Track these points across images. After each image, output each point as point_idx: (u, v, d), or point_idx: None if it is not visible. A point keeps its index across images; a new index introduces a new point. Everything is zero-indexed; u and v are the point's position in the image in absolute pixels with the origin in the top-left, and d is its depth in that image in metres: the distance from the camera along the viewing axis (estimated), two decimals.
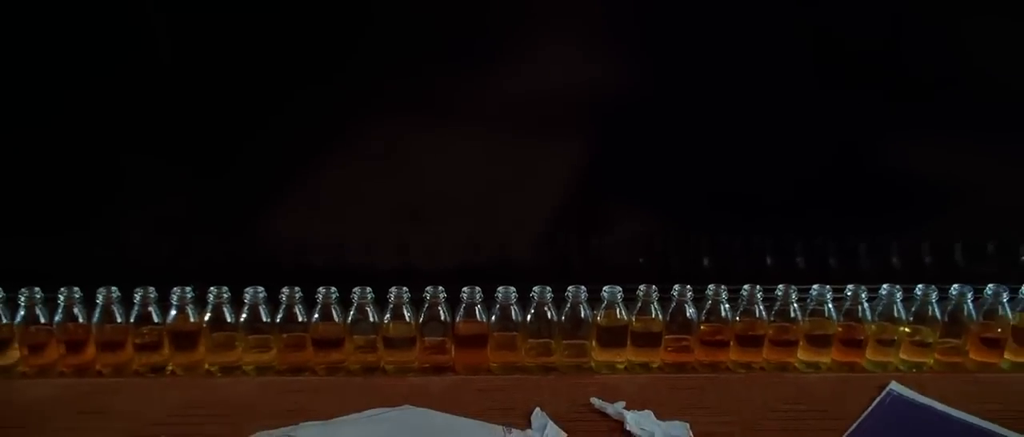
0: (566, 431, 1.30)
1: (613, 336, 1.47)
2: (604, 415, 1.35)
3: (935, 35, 1.47)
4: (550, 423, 1.31)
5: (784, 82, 1.51)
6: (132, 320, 1.46)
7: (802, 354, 1.49)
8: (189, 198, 1.54)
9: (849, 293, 1.48)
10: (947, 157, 1.57)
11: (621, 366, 1.48)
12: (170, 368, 1.48)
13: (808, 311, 1.48)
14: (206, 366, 1.47)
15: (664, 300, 1.48)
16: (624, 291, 1.49)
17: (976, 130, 1.55)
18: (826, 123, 1.54)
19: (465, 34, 1.47)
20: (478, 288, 1.46)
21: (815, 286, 1.48)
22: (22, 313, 1.43)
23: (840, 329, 1.48)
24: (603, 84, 1.52)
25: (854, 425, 1.32)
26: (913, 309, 1.49)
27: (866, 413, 1.36)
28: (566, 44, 1.49)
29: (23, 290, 1.44)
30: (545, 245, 1.61)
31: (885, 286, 1.48)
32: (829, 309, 1.48)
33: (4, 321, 1.45)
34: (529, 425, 1.32)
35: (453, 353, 1.48)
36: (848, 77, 1.51)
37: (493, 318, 1.47)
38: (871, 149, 1.56)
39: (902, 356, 1.50)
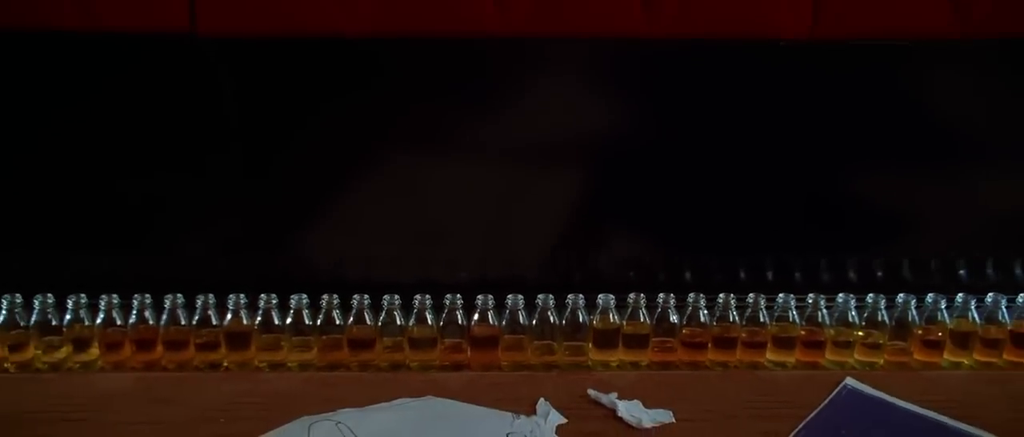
0: (566, 418, 1.45)
1: (607, 338, 1.62)
2: (599, 404, 1.49)
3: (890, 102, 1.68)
4: (553, 411, 1.46)
5: (754, 129, 1.69)
6: (194, 323, 1.60)
7: (770, 354, 1.64)
8: (245, 221, 1.71)
9: (810, 301, 1.62)
10: (892, 191, 1.74)
11: (614, 364, 1.63)
12: (225, 364, 1.62)
13: (775, 317, 1.63)
14: (256, 363, 1.62)
15: (651, 307, 1.62)
16: (616, 299, 1.63)
17: (915, 169, 1.72)
18: (790, 164, 1.71)
19: (482, 83, 1.65)
20: (490, 296, 1.61)
21: (781, 295, 1.63)
22: (101, 316, 1.58)
23: (803, 332, 1.63)
24: (598, 125, 1.69)
25: (813, 413, 1.47)
26: (865, 315, 1.63)
27: (824, 403, 1.50)
28: (566, 91, 1.67)
29: (102, 296, 1.59)
30: (548, 260, 1.77)
31: (841, 295, 1.63)
32: (793, 315, 1.62)
33: (86, 323, 1.59)
34: (535, 412, 1.47)
35: (469, 353, 1.62)
36: (809, 129, 1.69)
37: (503, 322, 1.61)
38: (829, 185, 1.73)
39: (857, 356, 1.64)
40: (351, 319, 1.60)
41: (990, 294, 1.63)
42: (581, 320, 1.62)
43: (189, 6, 1.42)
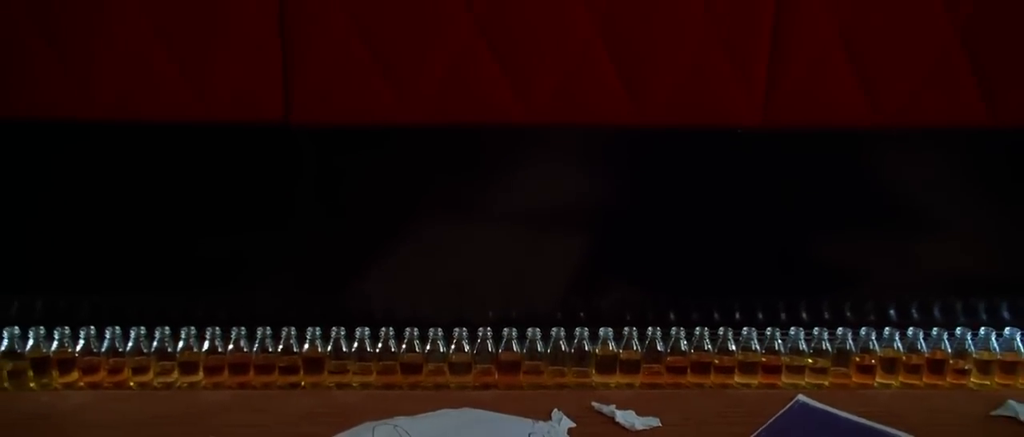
0: (575, 422, 1.75)
1: (607, 363, 1.91)
2: (601, 413, 1.79)
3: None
4: (565, 417, 1.76)
5: (721, 198, 1.96)
6: (279, 350, 1.88)
7: (738, 377, 1.92)
8: (321, 270, 1.97)
9: (768, 334, 1.91)
10: (834, 247, 2.01)
11: (613, 385, 1.91)
12: (302, 383, 1.89)
13: (741, 346, 1.91)
14: (327, 383, 1.89)
15: (642, 339, 1.91)
16: (614, 332, 1.91)
17: (853, 230, 1.99)
18: (752, 227, 1.98)
19: (502, 161, 1.94)
20: (514, 330, 1.90)
21: (745, 329, 1.92)
22: (206, 344, 1.88)
23: (763, 359, 1.91)
24: (596, 196, 1.99)
25: (770, 420, 1.77)
26: (813, 345, 1.92)
27: (780, 413, 1.80)
28: (570, 168, 1.97)
29: (208, 328, 1.88)
30: (559, 302, 2.01)
31: (793, 329, 1.92)
32: (755, 345, 1.91)
33: (194, 350, 1.87)
34: (550, 419, 1.77)
35: (497, 375, 1.90)
36: (766, 198, 1.98)
37: (524, 351, 1.90)
38: (784, 243, 1.99)
39: (807, 379, 1.92)
40: (403, 348, 1.89)
41: (911, 328, 1.92)
42: (586, 349, 1.91)
43: (284, 103, 1.75)
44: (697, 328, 1.93)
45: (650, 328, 1.92)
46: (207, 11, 1.69)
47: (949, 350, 1.92)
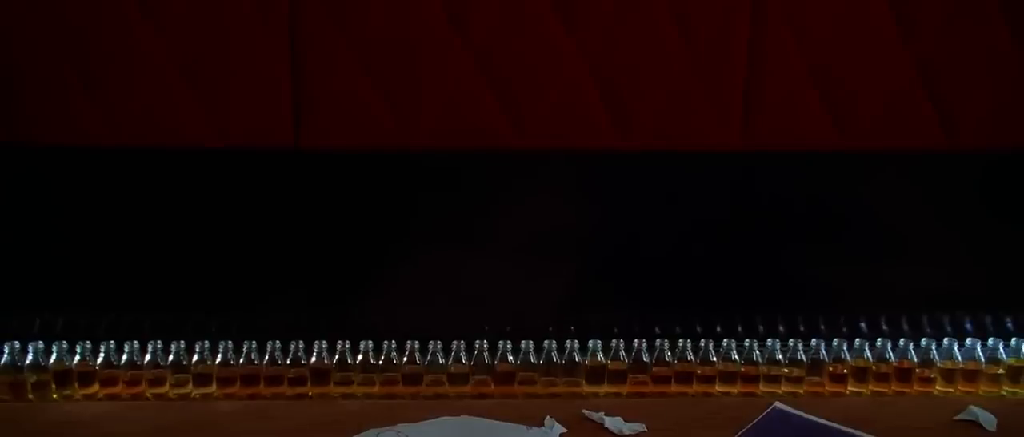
0: (566, 428, 1.86)
1: (595, 374, 2.02)
2: (590, 420, 1.90)
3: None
4: (556, 424, 1.87)
5: (702, 218, 2.08)
6: (288, 362, 1.98)
7: (719, 386, 2.03)
8: (328, 288, 2.07)
9: (747, 345, 2.03)
10: (808, 264, 2.11)
11: (602, 393, 2.02)
12: (310, 393, 1.99)
13: (721, 357, 2.02)
14: (333, 393, 1.99)
15: (629, 350, 2.02)
16: (602, 345, 2.02)
17: (825, 248, 2.10)
18: (730, 244, 2.09)
19: (497, 183, 2.05)
20: (508, 343, 2.02)
21: (725, 340, 2.03)
22: (219, 357, 1.97)
23: (742, 369, 2.03)
24: (587, 213, 2.09)
25: (748, 427, 1.88)
26: (789, 356, 2.03)
27: (757, 420, 1.91)
28: (561, 188, 2.08)
29: (220, 342, 1.97)
30: (551, 317, 2.11)
31: (770, 341, 2.03)
32: (735, 356, 2.02)
33: (208, 363, 1.97)
34: (543, 425, 1.87)
35: (493, 385, 2.01)
36: (744, 217, 2.09)
37: (519, 362, 2.01)
38: (761, 259, 2.10)
39: (783, 387, 2.03)
40: (405, 360, 2.00)
41: (879, 340, 2.05)
42: (576, 360, 2.02)
43: (294, 130, 1.87)
44: (680, 340, 2.04)
45: (636, 340, 2.03)
46: (224, 48, 1.82)
47: (915, 360, 2.03)
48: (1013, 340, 2.06)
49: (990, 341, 2.05)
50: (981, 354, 2.03)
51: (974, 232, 2.09)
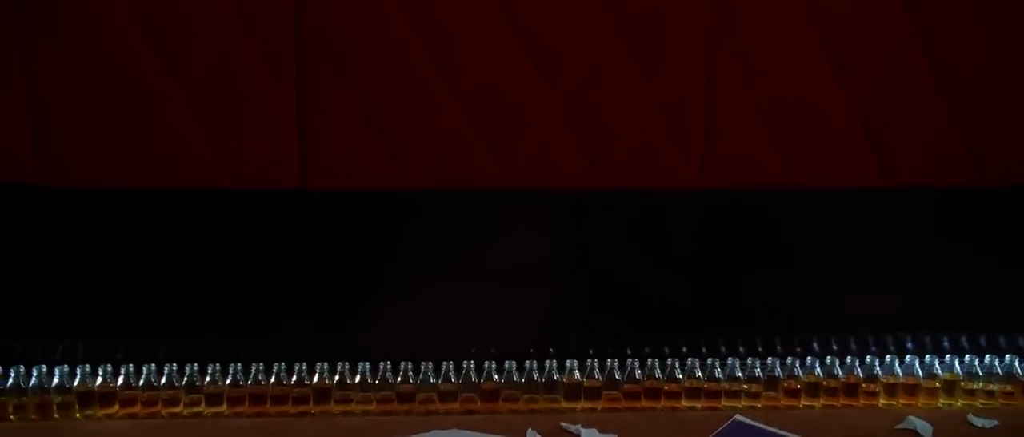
0: None
1: (573, 391, 2.17)
2: (568, 432, 2.05)
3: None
4: (537, 435, 2.03)
5: (666, 248, 2.25)
6: (292, 383, 2.13)
7: (685, 401, 2.18)
8: (329, 315, 2.21)
9: (709, 364, 2.18)
10: (761, 288, 2.27)
11: (578, 408, 2.16)
12: (312, 411, 2.13)
13: (687, 375, 2.18)
14: (334, 411, 2.13)
15: (603, 369, 2.17)
16: (578, 365, 2.17)
17: (779, 275, 2.26)
18: (692, 273, 2.25)
19: (483, 218, 2.20)
20: (493, 363, 2.17)
21: (690, 360, 2.19)
22: (229, 379, 2.12)
23: (706, 385, 2.18)
24: (565, 245, 2.25)
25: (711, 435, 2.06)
26: (747, 373, 2.19)
27: (718, 431, 2.07)
28: (541, 222, 2.24)
29: (230, 365, 2.11)
30: (532, 340, 2.25)
31: (730, 359, 2.19)
32: (698, 373, 2.18)
33: (218, 383, 2.11)
34: None
35: (479, 402, 2.16)
36: (704, 247, 2.26)
37: (503, 381, 2.16)
38: (719, 284, 2.26)
39: (743, 402, 2.18)
40: (399, 380, 2.14)
41: (829, 357, 2.21)
42: (555, 379, 2.17)
43: (300, 172, 2.03)
44: (649, 360, 2.20)
45: (609, 360, 2.19)
46: (238, 100, 1.99)
47: (861, 376, 2.20)
48: (947, 357, 2.23)
49: (927, 358, 2.22)
50: (919, 370, 2.21)
51: (911, 260, 2.27)
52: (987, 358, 2.22)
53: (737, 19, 2.03)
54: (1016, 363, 2.22)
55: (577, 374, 2.17)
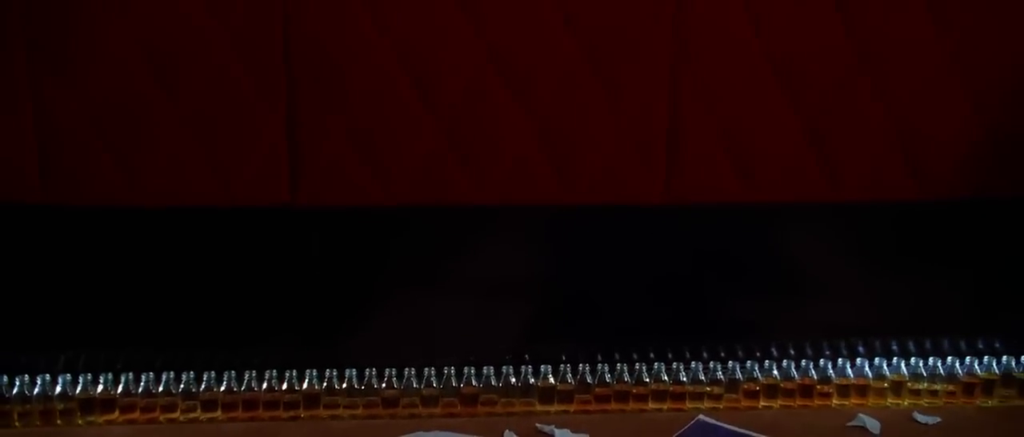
0: None
1: (547, 394, 2.28)
2: (543, 433, 2.17)
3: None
4: (514, 435, 2.15)
5: (634, 261, 2.35)
6: (283, 389, 2.23)
7: (651, 403, 2.30)
8: (318, 326, 2.30)
9: (674, 368, 2.31)
10: (725, 301, 2.39)
11: (552, 411, 2.27)
12: (302, 415, 2.23)
13: (653, 378, 2.29)
14: (323, 415, 2.23)
15: (575, 374, 2.29)
16: (552, 370, 2.29)
17: (741, 286, 2.39)
18: (657, 284, 2.36)
19: (461, 234, 2.31)
20: (472, 369, 2.28)
21: (656, 364, 2.31)
22: (223, 385, 2.22)
23: (671, 388, 2.30)
24: (537, 258, 2.37)
25: (675, 435, 2.17)
26: (710, 376, 2.32)
27: (682, 430, 2.20)
28: (515, 237, 2.35)
29: (225, 372, 2.22)
30: (508, 347, 2.35)
31: (694, 363, 2.32)
32: (664, 377, 2.30)
33: (214, 390, 2.20)
34: None
35: (460, 406, 2.27)
36: (670, 261, 2.37)
37: (481, 385, 2.27)
38: (681, 295, 2.38)
39: (706, 403, 2.30)
40: (384, 385, 2.25)
41: (785, 361, 2.34)
42: (531, 383, 2.29)
43: (290, 190, 2.14)
44: (618, 365, 2.31)
45: (581, 365, 2.30)
46: (232, 122, 2.11)
47: (816, 377, 2.34)
48: (895, 360, 2.38)
49: (876, 361, 2.36)
50: (869, 372, 2.35)
51: (861, 270, 2.40)
52: (931, 360, 2.38)
53: (696, 50, 2.17)
54: (957, 365, 2.36)
55: (551, 379, 2.29)
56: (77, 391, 2.20)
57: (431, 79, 2.15)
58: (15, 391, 2.18)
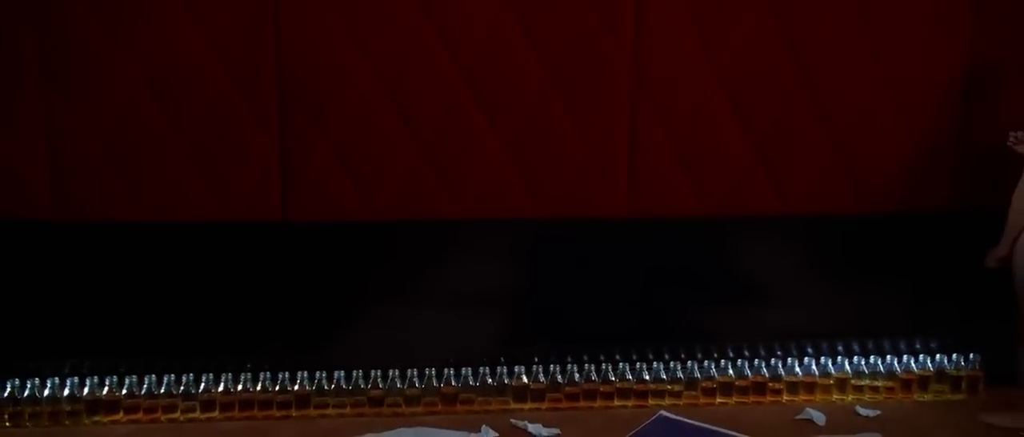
0: (499, 433, 2.26)
1: (520, 393, 2.43)
2: (517, 427, 2.32)
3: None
4: (491, 431, 2.28)
5: (602, 272, 2.50)
6: (276, 390, 2.36)
7: (617, 400, 2.45)
8: (309, 331, 2.43)
9: (637, 367, 2.46)
10: (683, 307, 2.55)
11: (526, 408, 2.42)
12: (294, 414, 2.36)
13: (618, 377, 2.44)
14: (313, 414, 2.36)
15: (546, 373, 2.43)
16: (525, 370, 2.43)
17: (703, 296, 2.54)
18: (624, 293, 2.51)
19: (439, 245, 2.45)
20: (451, 370, 2.42)
21: (621, 364, 2.46)
22: (221, 387, 2.34)
23: (635, 386, 2.45)
24: (510, 268, 2.50)
25: (638, 428, 2.28)
26: (670, 375, 2.47)
27: (644, 424, 2.31)
28: (490, 248, 2.49)
29: (222, 375, 2.34)
30: (484, 350, 2.49)
31: (655, 364, 2.46)
32: (628, 376, 2.45)
33: (211, 391, 2.33)
34: (480, 432, 2.28)
35: (440, 404, 2.41)
36: (635, 272, 2.52)
37: (460, 385, 2.41)
38: (646, 306, 2.52)
39: (667, 400, 2.46)
40: (370, 386, 2.39)
41: (739, 360, 2.51)
42: (506, 382, 2.43)
43: (282, 206, 2.30)
44: (586, 365, 2.47)
45: (552, 366, 2.45)
46: (228, 144, 2.28)
47: (767, 376, 2.50)
48: (839, 359, 2.55)
49: (822, 360, 2.53)
50: (816, 370, 2.52)
51: (808, 278, 2.57)
52: (872, 359, 2.54)
53: (654, 77, 2.35)
54: (896, 363, 2.54)
55: (524, 378, 2.43)
56: (84, 393, 2.32)
57: (411, 102, 2.32)
58: (26, 393, 2.31)
